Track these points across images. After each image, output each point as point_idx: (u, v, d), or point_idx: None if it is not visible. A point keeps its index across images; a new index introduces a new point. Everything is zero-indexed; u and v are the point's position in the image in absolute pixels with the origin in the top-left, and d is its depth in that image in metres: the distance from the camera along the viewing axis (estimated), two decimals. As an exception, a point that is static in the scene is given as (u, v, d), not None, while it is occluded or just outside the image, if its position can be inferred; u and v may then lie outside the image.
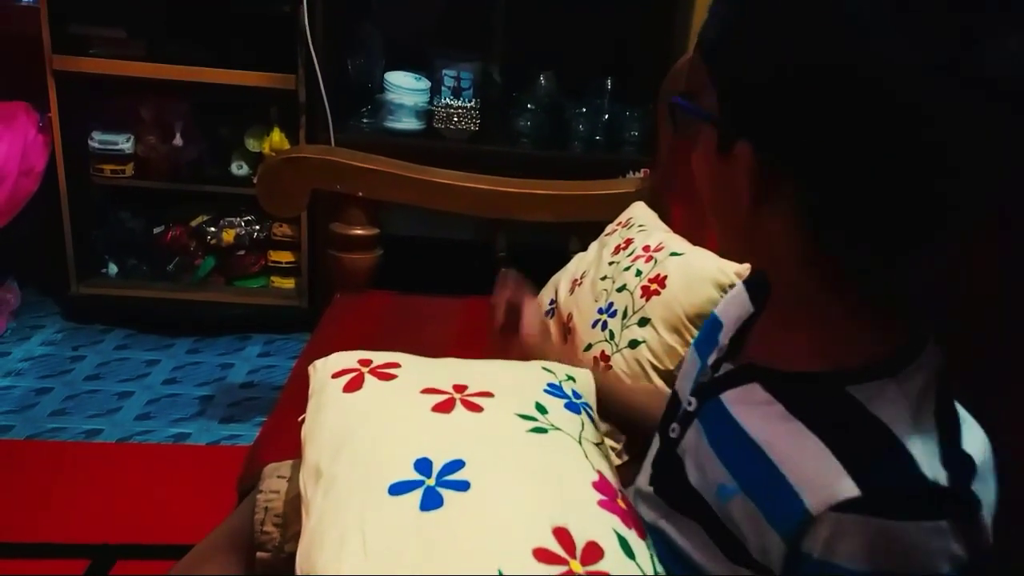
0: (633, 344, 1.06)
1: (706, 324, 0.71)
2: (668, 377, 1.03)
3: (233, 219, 2.32)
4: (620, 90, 2.21)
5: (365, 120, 2.19)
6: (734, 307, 0.68)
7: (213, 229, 2.32)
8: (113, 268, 2.35)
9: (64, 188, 2.18)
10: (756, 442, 0.54)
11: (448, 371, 0.74)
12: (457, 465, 0.59)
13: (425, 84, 2.15)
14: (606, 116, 2.19)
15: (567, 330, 1.23)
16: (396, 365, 0.74)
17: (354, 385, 0.71)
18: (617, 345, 1.08)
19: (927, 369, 0.52)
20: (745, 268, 0.96)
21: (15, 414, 1.87)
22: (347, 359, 0.76)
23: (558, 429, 0.66)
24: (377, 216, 1.52)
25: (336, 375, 0.73)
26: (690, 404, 0.64)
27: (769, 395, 0.55)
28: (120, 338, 2.25)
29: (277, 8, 2.05)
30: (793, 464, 0.50)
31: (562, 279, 1.35)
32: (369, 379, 0.72)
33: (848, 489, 0.46)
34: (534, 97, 2.20)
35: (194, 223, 2.33)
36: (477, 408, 0.66)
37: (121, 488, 1.63)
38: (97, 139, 2.20)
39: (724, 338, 0.66)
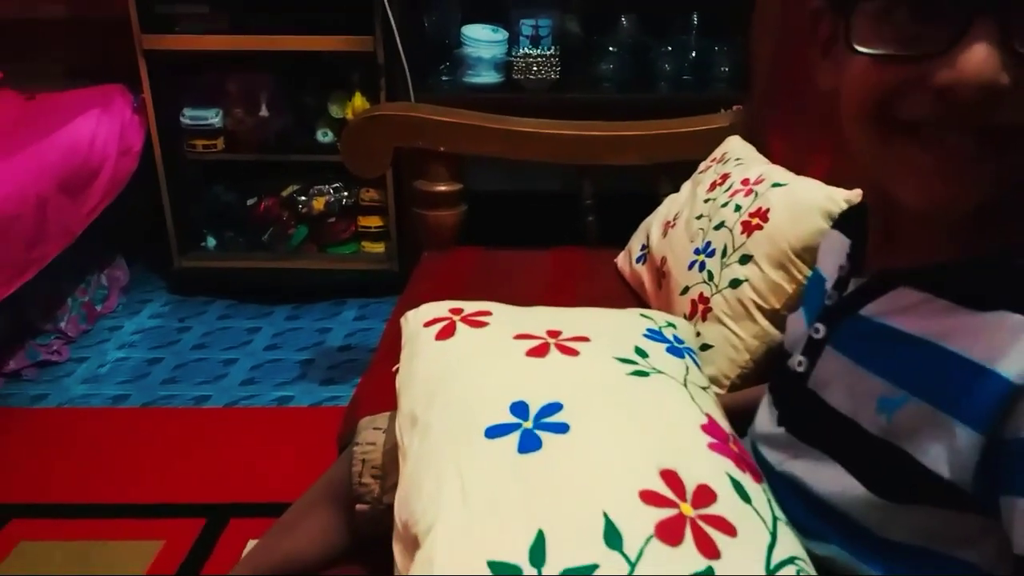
0: (735, 283, 1.00)
1: (809, 283, 0.66)
2: (773, 317, 0.97)
3: (322, 187, 2.34)
4: (706, 25, 2.11)
5: (444, 77, 2.17)
6: (831, 252, 0.64)
7: (304, 198, 2.35)
8: (212, 241, 2.42)
9: (161, 166, 2.25)
10: (923, 339, 0.48)
11: (541, 317, 0.71)
12: (555, 408, 0.56)
13: (503, 35, 2.10)
14: (693, 53, 2.09)
15: (661, 275, 1.17)
16: (488, 313, 0.72)
17: (446, 333, 0.69)
18: (716, 286, 1.02)
19: None
20: (856, 193, 0.89)
21: (130, 383, 1.96)
22: (438, 308, 0.74)
23: (661, 372, 0.62)
24: (460, 172, 1.50)
25: (428, 324, 0.72)
26: (817, 331, 0.58)
27: (925, 294, 0.50)
28: (222, 308, 2.33)
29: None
30: (980, 345, 0.45)
31: (654, 223, 1.29)
32: (461, 326, 0.69)
33: None
34: (616, 40, 2.12)
35: (285, 193, 2.37)
36: (573, 352, 0.63)
37: (230, 450, 1.69)
38: (188, 115, 2.25)
39: (840, 259, 0.61)
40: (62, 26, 2.41)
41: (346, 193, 2.34)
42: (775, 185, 1.01)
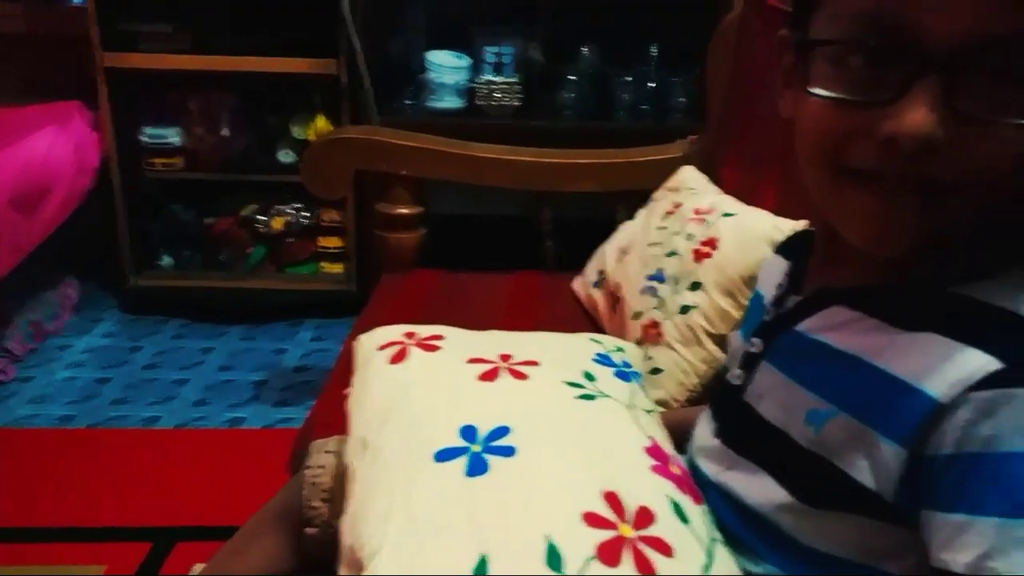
0: (684, 309, 1.02)
1: (750, 304, 0.69)
2: (721, 343, 1.00)
3: (281, 207, 2.34)
4: (665, 56, 2.16)
5: (408, 101, 2.18)
6: (771, 273, 0.66)
7: (263, 218, 2.34)
8: (168, 260, 2.39)
9: (118, 183, 2.22)
10: (853, 355, 0.50)
11: (493, 341, 0.72)
12: (503, 431, 0.56)
13: (466, 62, 2.13)
14: (652, 84, 2.13)
15: (615, 300, 1.20)
16: (441, 337, 0.72)
17: (399, 357, 0.69)
18: (668, 312, 1.04)
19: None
20: (801, 223, 0.92)
21: (78, 404, 1.92)
22: (392, 332, 0.74)
23: (607, 396, 0.63)
24: (421, 195, 1.51)
25: (381, 347, 0.72)
26: (754, 345, 0.61)
27: (858, 312, 0.52)
28: (176, 328, 2.29)
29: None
30: (906, 363, 0.46)
31: (609, 249, 1.32)
32: (414, 351, 0.70)
33: (987, 364, 0.43)
34: (577, 69, 2.16)
35: (244, 212, 2.36)
36: (523, 376, 0.64)
37: (180, 473, 1.66)
38: (147, 133, 2.23)
39: (779, 278, 0.64)
40: (21, 41, 2.38)
41: (306, 213, 2.33)
42: (725, 215, 1.04)
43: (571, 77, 2.14)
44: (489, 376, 0.64)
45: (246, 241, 2.36)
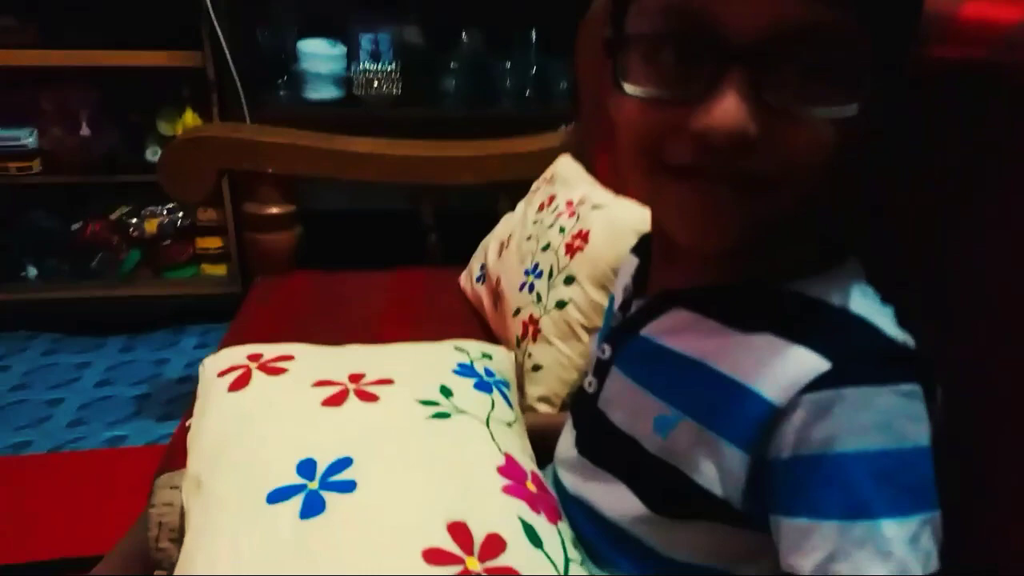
0: (560, 304, 1.00)
1: (607, 308, 0.68)
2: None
3: (155, 208, 2.21)
4: (546, 42, 2.13)
5: (282, 92, 2.09)
6: (624, 275, 0.65)
7: (135, 220, 2.20)
8: (32, 271, 2.22)
9: (-34, 191, 2.05)
10: (694, 359, 0.50)
11: (346, 359, 0.68)
12: (344, 464, 0.53)
13: (341, 50, 2.05)
14: (533, 70, 2.11)
15: (497, 296, 1.17)
16: (289, 358, 0.68)
17: (241, 383, 0.65)
18: (545, 307, 1.02)
19: (856, 269, 0.50)
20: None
21: (-65, 434, 1.77)
22: (236, 355, 0.70)
23: (463, 412, 0.60)
24: (294, 192, 1.44)
25: (222, 373, 0.67)
26: (603, 352, 0.59)
27: (697, 314, 0.52)
28: (47, 343, 2.14)
29: (174, -21, 1.92)
30: (743, 366, 0.47)
31: (491, 242, 1.29)
32: (257, 375, 0.66)
33: (817, 365, 0.43)
34: (458, 56, 2.12)
35: (114, 216, 2.22)
36: (372, 398, 0.60)
37: (54, 501, 1.55)
38: (-3, 135, 2.06)
39: (626, 280, 0.63)
40: None
41: (181, 214, 2.21)
42: (595, 207, 1.03)
43: (452, 64, 2.09)
44: (335, 400, 0.60)
45: (119, 246, 2.22)
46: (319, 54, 2.03)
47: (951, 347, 0.50)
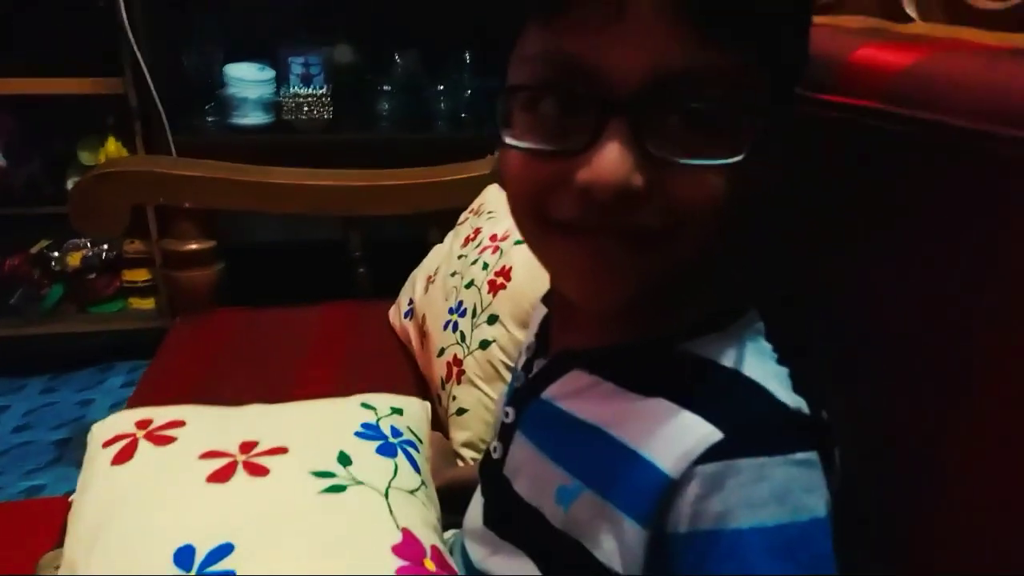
0: (484, 344, 0.97)
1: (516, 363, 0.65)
2: (525, 377, 0.95)
3: (78, 241, 2.12)
4: (479, 63, 2.11)
5: (209, 119, 2.02)
6: (534, 321, 0.62)
7: (56, 254, 2.11)
8: (-54, 309, 2.11)
9: None
10: (593, 425, 0.47)
11: (241, 424, 0.63)
12: (224, 551, 0.49)
13: (269, 74, 2.00)
14: (468, 92, 2.08)
15: (423, 334, 1.13)
16: (179, 424, 0.63)
17: (124, 455, 0.60)
18: (468, 347, 0.99)
19: (754, 324, 0.48)
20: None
21: None
22: (124, 421, 0.65)
23: (360, 483, 0.56)
24: (215, 226, 1.38)
25: (107, 443, 0.62)
26: (507, 416, 0.56)
27: (595, 377, 0.49)
28: (-37, 386, 2.04)
29: (90, 2, 1.85)
30: (640, 434, 0.44)
31: (418, 276, 1.25)
32: (143, 446, 0.61)
33: (709, 435, 0.41)
34: (391, 79, 2.08)
35: (34, 249, 2.12)
36: (261, 471, 0.56)
37: (-37, 559, 1.46)
38: (-96, 168, 1.96)
39: (531, 335, 0.60)
40: None
41: (107, 246, 2.12)
42: (517, 242, 1.00)
43: (385, 87, 2.05)
44: (222, 476, 0.56)
45: (40, 281, 2.12)
46: (247, 78, 1.97)
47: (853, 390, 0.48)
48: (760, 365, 0.45)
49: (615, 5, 0.38)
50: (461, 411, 0.97)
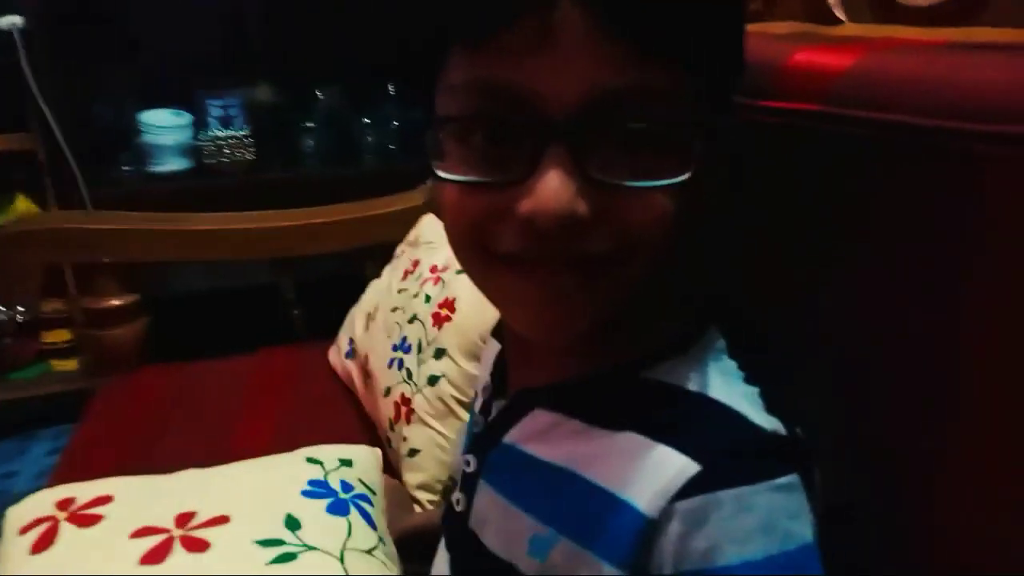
0: (432, 380, 0.93)
1: (473, 402, 0.62)
2: (477, 411, 0.92)
3: (-10, 305, 2.00)
4: (408, 94, 2.08)
5: (125, 168, 1.94)
6: (487, 361, 0.59)
7: (-32, 320, 1.99)
8: None
9: None
10: (561, 468, 0.44)
11: (175, 494, 0.58)
12: (164, 644, 0.44)
13: (186, 119, 1.93)
14: (395, 124, 2.05)
15: (366, 374, 1.09)
16: (106, 500, 0.58)
17: (45, 542, 0.54)
18: (417, 385, 0.95)
19: (716, 344, 0.45)
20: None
21: None
22: (43, 504, 0.59)
23: (312, 549, 0.52)
24: (138, 279, 1.31)
25: (25, 529, 0.57)
26: (468, 464, 0.53)
27: (557, 415, 0.46)
28: None
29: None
30: (612, 472, 0.41)
31: (357, 313, 1.21)
32: (65, 529, 0.55)
33: (685, 468, 0.39)
34: (314, 115, 2.04)
35: (-57, 317, 1.99)
36: (201, 546, 0.51)
37: None
38: None
39: (485, 374, 0.56)
40: None
41: (21, 308, 2.01)
42: (459, 272, 0.97)
43: (308, 124, 2.01)
44: (157, 556, 0.51)
45: (-49, 351, 2.00)
46: (163, 124, 1.90)
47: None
48: (727, 387, 0.43)
49: (544, 28, 0.36)
50: (413, 452, 0.93)
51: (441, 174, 0.40)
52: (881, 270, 0.43)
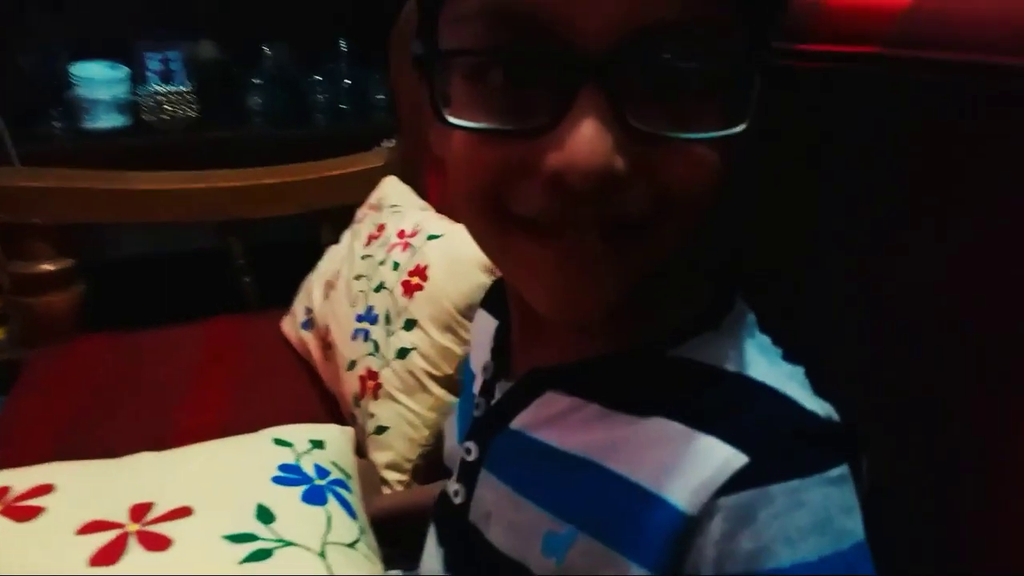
0: (402, 353, 0.87)
1: (464, 377, 0.56)
2: (448, 384, 0.86)
3: (-94, 269, 1.85)
4: (356, 53, 1.99)
5: (56, 124, 1.81)
6: (480, 342, 0.53)
7: None
8: None
9: None
10: (580, 457, 0.39)
11: (127, 481, 0.52)
12: (122, 660, 0.38)
13: (123, 72, 1.81)
14: (347, 82, 1.96)
15: (327, 346, 1.02)
16: (47, 489, 0.51)
17: (-26, 539, 0.47)
18: (385, 358, 0.89)
19: (747, 317, 0.41)
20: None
21: None
22: (-29, 493, 0.51)
23: (288, 544, 0.46)
24: (72, 243, 1.21)
25: (-49, 524, 0.49)
26: (469, 452, 0.47)
27: (574, 398, 0.41)
28: None
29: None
30: (641, 463, 0.37)
31: (315, 281, 1.13)
32: (1, 523, 0.48)
33: (731, 459, 0.34)
34: (261, 71, 1.93)
35: None
36: (161, 543, 0.45)
37: None
38: None
39: (485, 354, 0.51)
40: None
41: (-57, 274, 1.87)
42: (431, 237, 0.91)
43: (255, 80, 1.90)
44: (109, 555, 0.44)
45: None
46: (96, 78, 1.77)
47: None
48: (770, 367, 0.38)
49: None
50: (381, 429, 0.87)
51: (451, 119, 0.34)
52: (964, 231, 0.38)
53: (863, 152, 0.41)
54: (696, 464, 0.35)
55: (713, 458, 0.35)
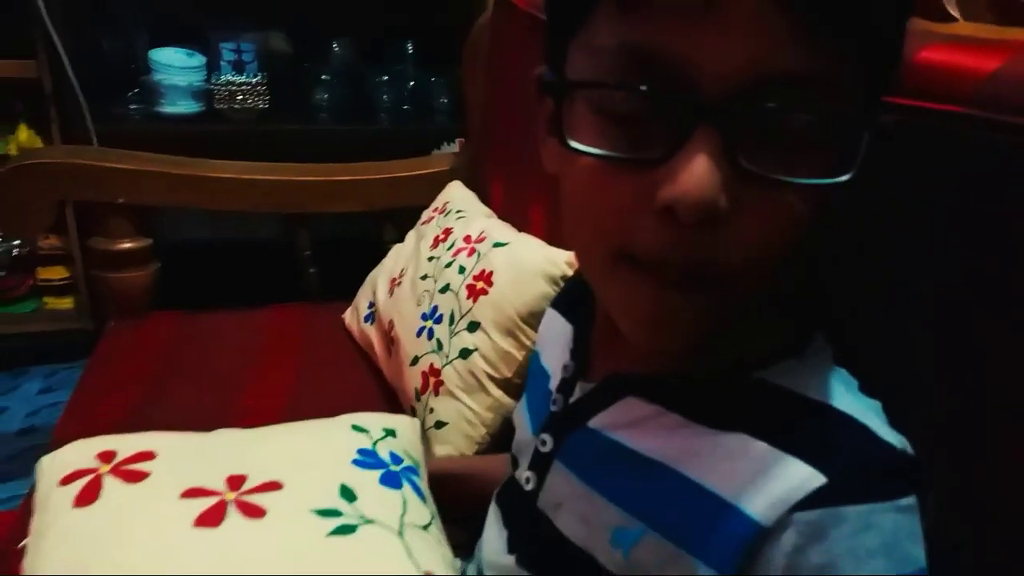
0: (464, 353, 0.91)
1: (531, 371, 0.59)
2: (506, 387, 0.90)
3: (-16, 236, 1.95)
4: (422, 54, 2.04)
5: (133, 107, 1.89)
6: (553, 340, 0.56)
7: (-39, 250, 1.94)
8: None
9: None
10: (657, 461, 0.42)
11: (221, 454, 0.56)
12: (228, 613, 0.42)
13: (199, 60, 1.88)
14: (411, 83, 2.01)
15: (390, 340, 1.06)
16: (149, 456, 0.55)
17: (89, 495, 0.52)
18: (447, 356, 0.93)
19: (826, 351, 0.44)
20: (572, 257, 0.84)
21: None
22: (82, 454, 0.56)
23: (371, 522, 0.50)
24: (149, 223, 1.28)
25: (65, 480, 0.54)
26: (544, 443, 0.51)
27: (655, 406, 0.44)
28: None
29: (-1, -21, 1.69)
30: (719, 475, 0.39)
31: (380, 277, 1.18)
32: (109, 483, 0.53)
33: (809, 479, 0.37)
34: (329, 67, 1.99)
35: (-65, 245, 1.94)
36: (257, 512, 0.49)
37: None
38: None
39: (563, 353, 0.54)
40: None
41: (18, 241, 1.96)
42: (496, 245, 0.95)
43: (323, 76, 1.96)
44: (212, 519, 0.49)
45: (-58, 280, 1.95)
46: (174, 65, 1.85)
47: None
48: (852, 399, 0.41)
49: None
50: (440, 424, 0.91)
51: (575, 145, 0.37)
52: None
53: (937, 205, 0.44)
54: (775, 480, 0.37)
55: (792, 476, 0.37)
